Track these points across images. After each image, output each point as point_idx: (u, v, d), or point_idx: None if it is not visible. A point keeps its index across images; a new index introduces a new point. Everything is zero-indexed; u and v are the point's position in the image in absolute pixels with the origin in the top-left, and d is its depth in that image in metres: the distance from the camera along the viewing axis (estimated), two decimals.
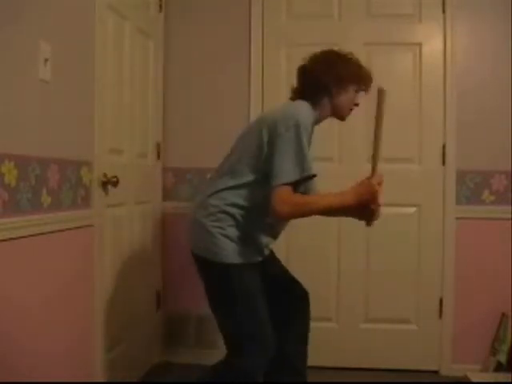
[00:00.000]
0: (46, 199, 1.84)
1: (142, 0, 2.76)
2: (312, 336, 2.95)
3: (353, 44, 2.93)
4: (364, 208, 1.89)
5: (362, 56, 2.92)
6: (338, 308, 2.95)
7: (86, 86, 2.15)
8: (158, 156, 2.98)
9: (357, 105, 2.02)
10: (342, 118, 2.04)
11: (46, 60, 1.82)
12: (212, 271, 1.90)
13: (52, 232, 1.88)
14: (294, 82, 2.04)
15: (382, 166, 2.87)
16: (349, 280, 2.94)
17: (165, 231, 3.02)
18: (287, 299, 2.15)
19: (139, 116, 2.71)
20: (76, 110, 2.08)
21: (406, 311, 2.93)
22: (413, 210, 2.92)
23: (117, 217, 2.44)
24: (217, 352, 2.55)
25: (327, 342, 2.94)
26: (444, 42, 2.89)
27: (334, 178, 2.92)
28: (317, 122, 1.99)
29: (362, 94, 2.01)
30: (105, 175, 2.28)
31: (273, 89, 2.96)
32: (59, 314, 1.96)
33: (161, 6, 2.96)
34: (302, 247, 2.96)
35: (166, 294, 3.04)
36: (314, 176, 1.85)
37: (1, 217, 1.58)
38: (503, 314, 2.83)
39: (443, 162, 2.89)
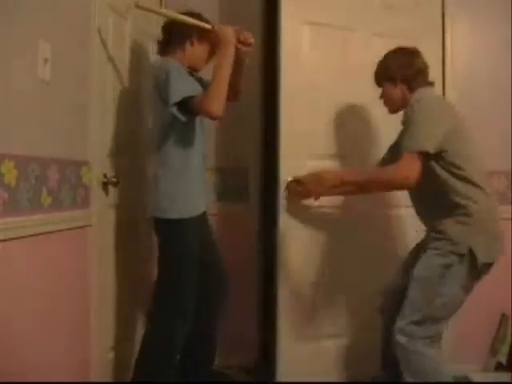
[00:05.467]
0: (46, 199, 1.84)
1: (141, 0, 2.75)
2: None
3: None
4: None
5: None
6: (337, 308, 2.94)
7: (86, 86, 2.15)
8: None
9: None
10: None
11: (46, 60, 1.81)
12: None
13: (52, 232, 1.87)
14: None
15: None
16: (348, 281, 2.93)
17: None
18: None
19: (139, 116, 2.70)
20: (76, 110, 2.08)
21: None
22: (413, 210, 2.91)
23: (117, 217, 2.43)
24: (218, 352, 2.55)
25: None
26: (443, 42, 2.88)
27: None
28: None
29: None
30: (105, 176, 2.28)
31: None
32: (59, 314, 1.95)
33: (161, 6, 2.95)
34: (301, 247, 2.95)
35: None
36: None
37: (1, 217, 1.58)
38: (503, 315, 2.83)
39: None
